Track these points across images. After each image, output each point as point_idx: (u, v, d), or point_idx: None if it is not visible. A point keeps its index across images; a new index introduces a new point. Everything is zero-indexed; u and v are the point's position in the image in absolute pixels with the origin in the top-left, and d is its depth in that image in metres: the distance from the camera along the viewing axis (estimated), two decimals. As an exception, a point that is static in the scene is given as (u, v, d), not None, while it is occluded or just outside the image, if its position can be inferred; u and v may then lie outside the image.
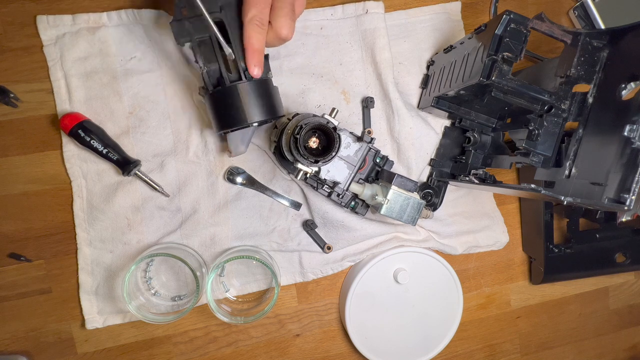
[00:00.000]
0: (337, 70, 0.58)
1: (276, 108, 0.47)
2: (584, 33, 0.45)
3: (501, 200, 0.66)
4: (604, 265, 0.65)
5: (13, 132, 0.53)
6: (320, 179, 0.55)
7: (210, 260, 0.58)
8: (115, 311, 0.56)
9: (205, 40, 0.44)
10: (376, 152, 0.57)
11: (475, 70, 0.45)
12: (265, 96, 0.45)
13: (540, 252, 0.64)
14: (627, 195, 0.37)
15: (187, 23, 0.42)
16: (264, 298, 0.60)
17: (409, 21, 0.60)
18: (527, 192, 0.41)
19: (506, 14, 0.43)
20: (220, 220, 0.57)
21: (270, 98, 0.46)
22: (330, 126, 0.47)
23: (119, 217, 0.55)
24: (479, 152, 0.59)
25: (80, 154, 0.54)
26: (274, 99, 0.47)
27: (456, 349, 0.68)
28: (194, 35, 0.43)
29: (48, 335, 0.56)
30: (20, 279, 0.55)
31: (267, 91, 0.46)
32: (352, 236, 0.59)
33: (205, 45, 0.44)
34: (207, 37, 0.43)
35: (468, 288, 0.67)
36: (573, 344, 0.72)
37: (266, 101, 0.45)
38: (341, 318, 0.62)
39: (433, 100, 0.55)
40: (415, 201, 0.51)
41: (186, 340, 0.59)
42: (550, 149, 0.48)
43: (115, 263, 0.55)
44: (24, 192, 0.54)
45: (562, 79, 0.47)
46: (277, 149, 0.55)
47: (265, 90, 0.45)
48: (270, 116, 0.45)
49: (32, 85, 0.53)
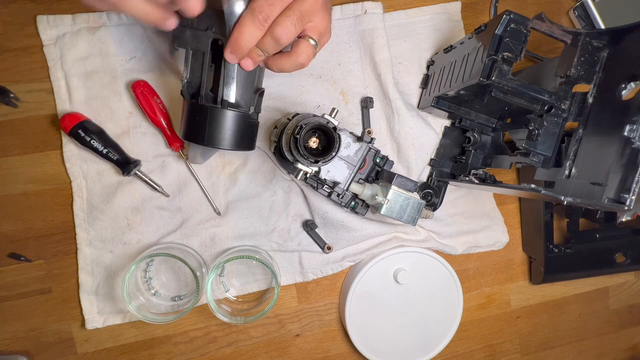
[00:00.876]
0: (336, 70, 0.58)
1: (243, 142, 0.46)
2: (584, 33, 0.45)
3: (501, 200, 0.66)
4: (604, 265, 0.65)
5: (13, 132, 0.53)
6: (320, 179, 0.55)
7: (210, 260, 0.58)
8: (115, 311, 0.56)
9: (198, 53, 0.43)
10: (376, 152, 0.57)
11: (475, 70, 0.45)
12: (236, 129, 0.45)
13: (540, 252, 0.64)
14: (627, 195, 0.37)
15: (189, 32, 0.42)
16: (264, 298, 0.60)
17: (409, 21, 0.60)
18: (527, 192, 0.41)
19: (506, 14, 0.43)
20: (220, 220, 0.57)
21: (240, 132, 0.45)
22: (330, 126, 0.47)
23: (119, 217, 0.55)
24: (479, 152, 0.59)
25: (80, 154, 0.54)
26: (244, 134, 0.46)
27: (456, 349, 0.68)
28: (190, 44, 0.43)
29: (48, 335, 0.56)
30: (20, 279, 0.55)
31: (240, 125, 0.45)
32: (352, 236, 0.59)
33: (196, 57, 0.44)
34: (201, 52, 0.43)
35: (468, 288, 0.67)
36: (573, 344, 0.72)
37: (234, 133, 0.45)
38: (341, 318, 0.62)
39: (433, 100, 0.55)
40: (415, 201, 0.51)
41: (186, 340, 0.59)
42: (550, 149, 0.48)
43: (115, 263, 0.55)
44: (24, 192, 0.54)
45: (562, 79, 0.46)
46: (277, 149, 0.55)
47: (239, 124, 0.45)
48: (231, 148, 0.45)
49: (32, 85, 0.53)
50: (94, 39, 0.53)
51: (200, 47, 0.43)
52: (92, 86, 0.53)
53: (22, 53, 0.52)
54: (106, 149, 0.52)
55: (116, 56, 0.53)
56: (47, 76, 0.53)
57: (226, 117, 0.44)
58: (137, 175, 0.54)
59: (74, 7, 0.53)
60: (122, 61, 0.54)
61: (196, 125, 0.44)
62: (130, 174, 0.53)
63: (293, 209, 0.59)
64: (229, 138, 0.44)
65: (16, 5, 0.52)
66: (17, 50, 0.52)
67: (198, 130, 0.44)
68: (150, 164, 0.55)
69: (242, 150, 0.47)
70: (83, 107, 0.53)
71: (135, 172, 0.54)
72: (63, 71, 0.53)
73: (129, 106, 0.54)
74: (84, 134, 0.51)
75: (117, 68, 0.54)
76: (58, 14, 0.52)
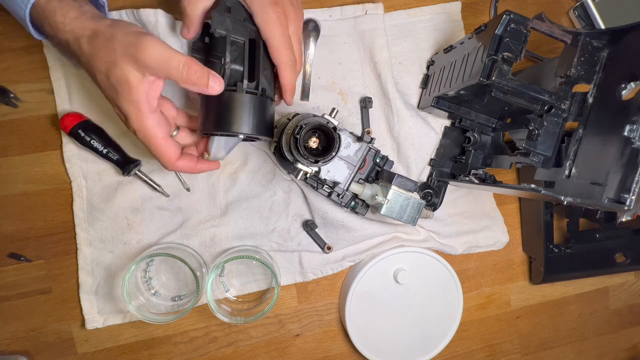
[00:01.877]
0: (336, 70, 0.58)
1: (271, 130, 0.49)
2: (584, 33, 0.45)
3: (501, 200, 0.66)
4: (604, 265, 0.65)
5: (13, 132, 0.53)
6: (320, 179, 0.55)
7: (210, 260, 0.58)
8: (115, 311, 0.56)
9: (238, 42, 0.44)
10: (376, 152, 0.57)
11: (475, 70, 0.45)
12: (268, 115, 0.47)
13: (540, 252, 0.64)
14: (627, 195, 0.37)
15: (228, 20, 0.43)
16: (264, 298, 0.60)
17: (409, 21, 0.60)
18: (527, 192, 0.41)
19: (506, 14, 0.43)
20: (220, 220, 0.57)
21: (271, 119, 0.48)
22: (330, 126, 0.47)
23: (119, 217, 0.55)
24: (479, 152, 0.59)
25: (80, 154, 0.54)
26: (272, 122, 0.49)
27: (456, 349, 0.68)
28: (231, 32, 0.43)
29: (48, 335, 0.56)
30: (20, 279, 0.55)
31: (271, 112, 0.48)
32: (352, 236, 0.59)
33: (236, 46, 0.44)
34: (242, 42, 0.44)
35: (468, 288, 0.67)
36: (573, 344, 0.72)
37: (267, 120, 0.47)
38: (341, 318, 0.62)
39: (433, 100, 0.55)
40: (415, 201, 0.51)
41: (186, 340, 0.59)
42: (550, 149, 0.48)
43: (115, 263, 0.55)
44: (24, 192, 0.54)
45: (562, 79, 0.47)
46: (277, 149, 0.55)
47: (270, 111, 0.47)
48: (266, 135, 0.47)
49: (32, 85, 0.53)
50: (94, 39, 0.53)
51: (241, 37, 0.44)
52: (92, 86, 0.53)
53: (22, 53, 0.52)
54: (106, 149, 0.52)
55: (116, 56, 0.53)
56: (47, 76, 0.53)
57: (266, 104, 0.46)
58: (137, 175, 0.54)
59: (74, 7, 0.53)
60: (122, 61, 0.54)
61: (236, 114, 0.44)
62: (130, 174, 0.53)
63: (293, 209, 0.59)
64: (266, 124, 0.46)
65: (16, 5, 0.52)
66: (17, 50, 0.52)
67: (239, 119, 0.44)
68: (151, 164, 0.55)
69: (270, 137, 0.48)
70: (83, 107, 0.53)
71: (135, 172, 0.54)
72: (63, 71, 0.53)
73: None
74: (84, 134, 0.51)
75: (117, 68, 0.54)
76: (58, 14, 0.52)
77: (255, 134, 0.45)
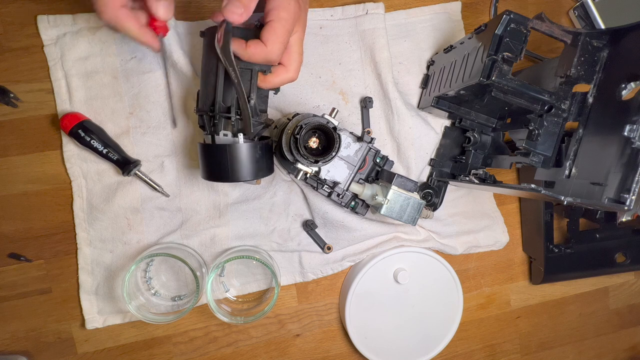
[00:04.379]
0: (336, 70, 0.58)
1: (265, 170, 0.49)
2: (584, 33, 0.45)
3: (501, 200, 0.66)
4: (604, 265, 0.66)
5: (13, 132, 0.53)
6: (320, 179, 0.55)
7: (210, 260, 0.58)
8: (115, 311, 0.56)
9: (245, 73, 0.44)
10: (376, 152, 0.57)
11: (475, 70, 0.45)
12: (270, 155, 0.50)
13: (540, 252, 0.64)
14: (627, 195, 0.37)
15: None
16: (264, 298, 0.60)
17: (409, 21, 0.60)
18: (527, 192, 0.41)
19: (506, 14, 0.43)
20: (220, 220, 0.57)
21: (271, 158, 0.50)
22: (330, 126, 0.47)
23: (119, 217, 0.55)
24: (479, 152, 0.59)
25: (80, 154, 0.54)
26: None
27: (456, 349, 0.68)
28: (238, 64, 0.42)
29: (48, 335, 0.56)
30: (20, 279, 0.55)
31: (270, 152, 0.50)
32: (352, 236, 0.59)
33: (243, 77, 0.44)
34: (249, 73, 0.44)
35: (468, 288, 0.67)
36: (573, 344, 0.72)
37: (269, 160, 0.49)
38: (341, 318, 0.62)
39: (433, 100, 0.55)
40: (415, 201, 0.51)
41: (186, 340, 0.59)
42: (550, 149, 0.48)
43: (115, 263, 0.55)
44: (24, 192, 0.54)
45: (562, 79, 0.47)
46: (277, 149, 0.55)
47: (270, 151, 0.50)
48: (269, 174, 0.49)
49: (32, 85, 0.53)
50: (94, 39, 0.53)
51: (246, 67, 0.43)
52: (92, 86, 0.53)
53: (22, 53, 0.52)
54: (106, 149, 0.52)
55: (116, 56, 0.53)
56: (47, 76, 0.53)
57: (266, 147, 0.48)
58: (137, 175, 0.54)
59: (74, 7, 0.53)
60: (122, 61, 0.54)
61: (249, 163, 0.45)
62: (130, 174, 0.53)
63: (293, 209, 0.59)
64: (270, 165, 0.49)
65: (16, 5, 0.52)
66: (18, 50, 0.52)
67: (253, 166, 0.46)
68: (150, 164, 0.55)
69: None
70: (83, 107, 0.53)
71: (135, 172, 0.54)
72: (63, 71, 0.53)
73: (129, 106, 0.54)
74: (84, 134, 0.51)
75: (118, 68, 0.54)
76: (58, 14, 0.52)
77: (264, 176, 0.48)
